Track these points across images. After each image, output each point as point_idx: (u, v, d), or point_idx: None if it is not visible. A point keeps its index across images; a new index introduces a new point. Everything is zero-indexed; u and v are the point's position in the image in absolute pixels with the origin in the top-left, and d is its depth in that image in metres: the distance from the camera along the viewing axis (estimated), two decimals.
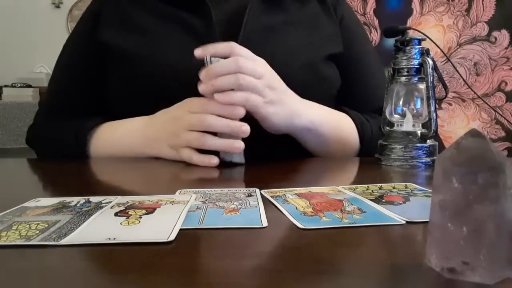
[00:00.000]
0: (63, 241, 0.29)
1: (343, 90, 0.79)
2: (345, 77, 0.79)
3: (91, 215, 0.35)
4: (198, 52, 0.58)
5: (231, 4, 0.74)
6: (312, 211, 0.36)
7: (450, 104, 1.50)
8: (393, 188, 0.45)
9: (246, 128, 0.57)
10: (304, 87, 0.69)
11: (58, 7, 3.46)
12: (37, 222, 0.33)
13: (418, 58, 0.63)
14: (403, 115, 0.65)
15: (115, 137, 0.69)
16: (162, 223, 0.33)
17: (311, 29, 0.76)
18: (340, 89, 0.79)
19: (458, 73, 0.76)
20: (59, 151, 0.72)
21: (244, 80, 0.57)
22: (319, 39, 0.77)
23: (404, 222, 0.34)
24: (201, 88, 0.57)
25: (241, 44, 0.67)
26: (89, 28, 0.76)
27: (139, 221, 0.33)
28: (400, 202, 0.40)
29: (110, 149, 0.68)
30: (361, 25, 0.92)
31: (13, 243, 0.29)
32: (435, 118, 0.62)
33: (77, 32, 0.80)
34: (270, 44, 0.71)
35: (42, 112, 0.81)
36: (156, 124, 0.64)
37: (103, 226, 0.33)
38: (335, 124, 0.70)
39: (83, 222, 0.33)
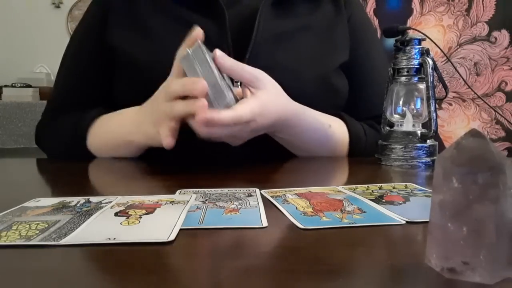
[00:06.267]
0: (63, 241, 0.29)
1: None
2: (348, 80, 0.77)
3: (91, 215, 0.35)
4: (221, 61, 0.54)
5: (242, 7, 0.72)
6: (312, 211, 0.36)
7: (450, 104, 1.50)
8: (393, 188, 0.45)
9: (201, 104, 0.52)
10: (316, 100, 0.67)
11: (58, 7, 3.46)
12: (37, 222, 0.33)
13: (418, 58, 0.63)
14: (403, 115, 0.65)
15: (108, 127, 0.68)
16: (162, 223, 0.33)
17: (324, 36, 0.74)
18: None
19: (458, 73, 0.75)
20: (61, 146, 0.72)
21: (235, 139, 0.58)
22: (331, 48, 0.75)
23: (404, 222, 0.34)
24: (198, 127, 0.53)
25: (251, 54, 0.66)
26: (96, 26, 0.74)
27: (139, 221, 0.33)
28: (400, 202, 0.40)
29: (105, 140, 0.68)
30: (371, 26, 0.88)
31: (13, 243, 0.29)
32: (435, 118, 0.62)
33: (83, 28, 0.78)
34: (281, 53, 0.69)
35: (49, 108, 0.81)
36: (143, 110, 0.63)
37: (103, 226, 0.33)
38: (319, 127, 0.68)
39: (83, 222, 0.33)
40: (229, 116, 0.51)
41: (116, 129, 0.67)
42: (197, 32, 0.55)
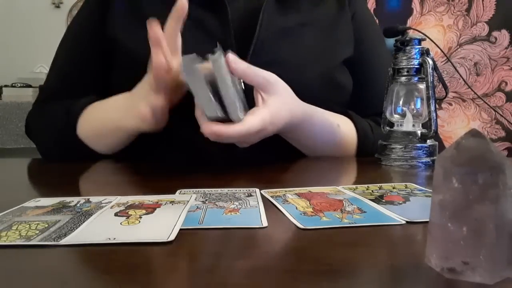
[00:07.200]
0: (63, 241, 0.29)
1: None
2: (351, 76, 0.77)
3: (91, 215, 0.35)
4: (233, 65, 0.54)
5: (244, 2, 0.71)
6: (312, 211, 0.36)
7: (450, 104, 1.50)
8: (393, 188, 0.45)
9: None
10: (319, 96, 0.67)
11: (58, 7, 3.46)
12: (37, 222, 0.33)
13: (418, 58, 0.63)
14: (403, 115, 0.65)
15: (99, 113, 0.67)
16: (162, 223, 0.33)
17: (327, 32, 0.74)
18: None
19: (458, 73, 0.75)
20: (52, 135, 0.71)
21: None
22: (335, 43, 0.75)
23: (404, 222, 0.34)
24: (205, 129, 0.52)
25: (255, 49, 0.65)
26: (97, 15, 0.73)
27: (139, 221, 0.33)
28: (400, 202, 0.40)
29: (96, 126, 0.67)
30: (374, 22, 0.88)
31: (13, 243, 0.29)
32: (435, 118, 0.62)
33: (81, 18, 0.77)
34: (284, 49, 0.69)
35: (41, 97, 0.79)
36: (133, 93, 0.62)
37: (103, 226, 0.33)
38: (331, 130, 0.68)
39: (83, 222, 0.33)
40: (238, 130, 0.51)
41: (107, 115, 0.66)
42: (182, 4, 0.54)
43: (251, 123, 0.52)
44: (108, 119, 0.65)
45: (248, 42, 0.67)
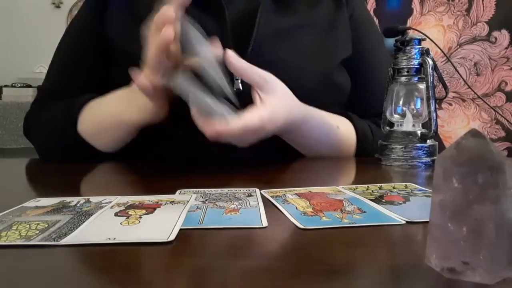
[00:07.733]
0: (63, 241, 0.29)
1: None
2: (350, 77, 0.77)
3: (91, 215, 0.35)
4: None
5: (242, 2, 0.71)
6: (312, 211, 0.36)
7: (450, 104, 1.50)
8: (393, 188, 0.45)
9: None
10: (318, 96, 0.67)
11: (58, 7, 3.46)
12: (37, 222, 0.33)
13: (418, 58, 0.63)
14: (403, 115, 0.65)
15: (99, 109, 0.67)
16: (162, 223, 0.33)
17: (325, 32, 0.74)
18: None
19: (458, 73, 0.76)
20: (52, 133, 0.71)
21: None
22: (332, 44, 0.75)
23: (404, 222, 0.34)
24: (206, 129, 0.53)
25: (252, 50, 0.65)
26: (94, 16, 0.73)
27: (139, 221, 0.33)
28: (400, 202, 0.40)
29: (96, 122, 0.67)
30: (373, 22, 0.88)
31: (13, 243, 0.29)
32: (435, 118, 0.62)
33: (81, 17, 0.77)
34: (282, 50, 0.69)
35: (40, 97, 0.79)
36: (134, 87, 0.61)
37: (103, 226, 0.33)
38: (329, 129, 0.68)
39: (83, 222, 0.33)
40: (238, 126, 0.52)
41: (108, 110, 0.66)
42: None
43: (248, 119, 0.53)
44: (110, 113, 0.65)
45: (246, 43, 0.67)
